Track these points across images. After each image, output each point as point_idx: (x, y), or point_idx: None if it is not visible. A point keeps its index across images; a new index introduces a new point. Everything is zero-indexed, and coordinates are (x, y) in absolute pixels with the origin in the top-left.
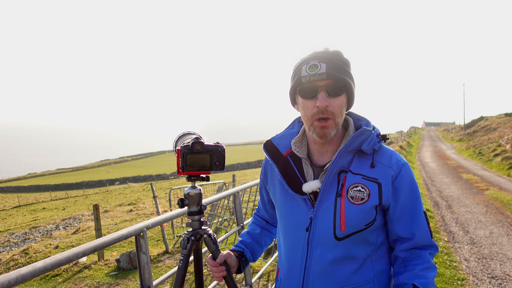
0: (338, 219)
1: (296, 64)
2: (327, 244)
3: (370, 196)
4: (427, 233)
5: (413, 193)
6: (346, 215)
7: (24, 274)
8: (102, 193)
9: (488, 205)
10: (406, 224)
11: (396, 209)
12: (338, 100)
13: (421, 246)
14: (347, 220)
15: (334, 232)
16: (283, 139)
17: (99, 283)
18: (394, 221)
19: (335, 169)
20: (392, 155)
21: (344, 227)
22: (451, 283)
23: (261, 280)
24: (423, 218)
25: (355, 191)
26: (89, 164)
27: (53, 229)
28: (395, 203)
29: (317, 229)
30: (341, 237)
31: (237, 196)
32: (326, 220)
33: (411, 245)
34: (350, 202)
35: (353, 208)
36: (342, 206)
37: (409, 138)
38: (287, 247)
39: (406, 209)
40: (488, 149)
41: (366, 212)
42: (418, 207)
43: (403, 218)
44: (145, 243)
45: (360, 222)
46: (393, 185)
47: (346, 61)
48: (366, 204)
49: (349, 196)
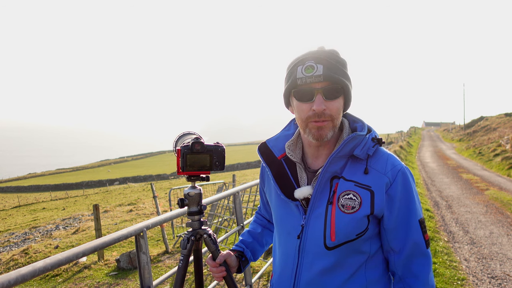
0: (328, 228)
1: (291, 64)
2: (317, 253)
3: (362, 205)
4: (422, 245)
5: (408, 202)
6: (336, 224)
7: (24, 274)
8: (102, 193)
9: (488, 205)
10: (399, 235)
11: (390, 219)
12: (336, 103)
13: (415, 259)
14: (337, 230)
15: (324, 241)
16: (278, 141)
17: (99, 283)
18: (388, 231)
19: (327, 174)
20: (388, 160)
21: (334, 236)
22: (451, 283)
23: (261, 280)
24: (417, 228)
25: (346, 199)
26: (89, 164)
27: (53, 229)
28: (389, 213)
29: (308, 237)
30: (331, 246)
31: (237, 196)
32: (317, 228)
33: (404, 259)
34: (341, 211)
35: (343, 217)
36: (333, 214)
37: (409, 138)
38: (280, 252)
39: (400, 220)
40: (488, 149)
41: (357, 221)
42: (413, 217)
43: (396, 229)
44: (145, 243)
45: (351, 232)
46: (388, 194)
47: (343, 62)
48: (357, 214)
49: (340, 204)
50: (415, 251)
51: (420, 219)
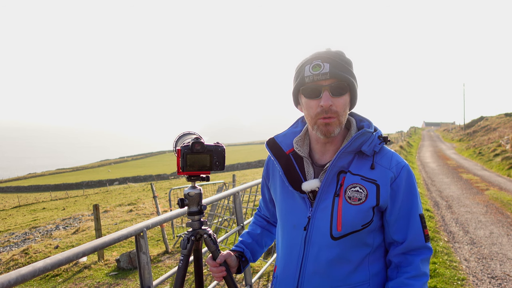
0: (335, 219)
1: (299, 64)
2: (323, 244)
3: (368, 197)
4: (421, 237)
5: (411, 196)
6: (343, 215)
7: (24, 274)
8: (102, 193)
9: (488, 205)
10: (401, 227)
11: (393, 212)
12: (342, 100)
13: (414, 251)
14: (344, 220)
15: (330, 231)
16: (286, 137)
17: (99, 283)
18: (390, 223)
19: (335, 169)
20: (393, 157)
21: (340, 226)
22: (451, 283)
23: (261, 280)
24: (418, 221)
25: (353, 191)
26: (89, 164)
27: (53, 229)
28: (392, 205)
29: (314, 228)
30: (337, 236)
31: (237, 196)
32: (324, 219)
33: (403, 249)
34: (348, 202)
35: (350, 208)
36: (340, 206)
37: (409, 138)
38: (285, 245)
39: (402, 212)
40: (488, 149)
41: (363, 212)
42: (415, 210)
43: (398, 221)
44: (145, 243)
45: (357, 222)
46: (392, 187)
47: (349, 61)
48: (363, 205)
49: (347, 196)
50: (415, 243)
51: (421, 214)
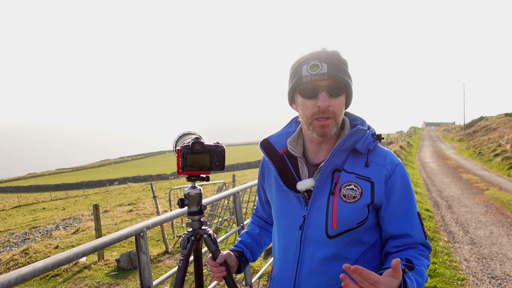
0: (330, 217)
1: (295, 63)
2: (319, 242)
3: (363, 195)
4: (421, 233)
5: (406, 193)
6: (338, 213)
7: (24, 274)
8: (102, 193)
9: (488, 205)
10: (398, 224)
11: (388, 208)
12: (338, 100)
13: (414, 246)
14: (339, 218)
15: (326, 230)
16: (280, 138)
17: (99, 283)
18: (386, 220)
19: (329, 167)
20: (387, 155)
21: (336, 225)
22: (451, 283)
23: (261, 280)
24: (416, 218)
25: (348, 189)
26: (89, 164)
27: (53, 229)
28: (387, 202)
29: (310, 227)
30: (333, 235)
31: (237, 196)
32: (319, 218)
33: (403, 243)
34: (343, 200)
35: (345, 206)
36: (335, 204)
37: (409, 138)
38: (281, 245)
39: (399, 209)
40: (488, 149)
41: (358, 210)
42: (412, 207)
43: (395, 218)
44: (145, 243)
45: (352, 220)
46: (386, 184)
47: (345, 61)
48: (358, 203)
49: (342, 195)
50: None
51: (418, 212)
